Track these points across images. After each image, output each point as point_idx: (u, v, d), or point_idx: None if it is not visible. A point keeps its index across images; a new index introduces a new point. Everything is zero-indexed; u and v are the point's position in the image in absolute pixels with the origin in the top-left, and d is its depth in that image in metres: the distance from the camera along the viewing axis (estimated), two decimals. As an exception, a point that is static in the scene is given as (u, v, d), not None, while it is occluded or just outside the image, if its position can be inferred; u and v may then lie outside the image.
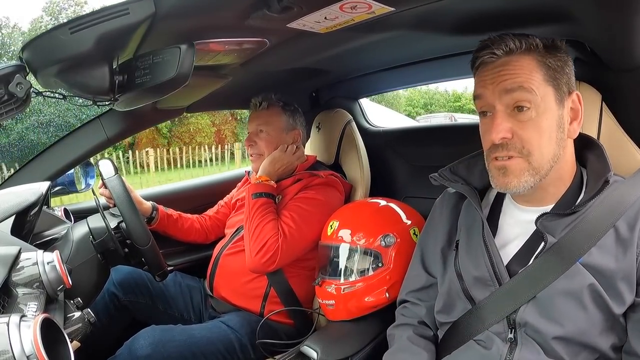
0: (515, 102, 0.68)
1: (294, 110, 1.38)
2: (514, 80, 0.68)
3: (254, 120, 1.36)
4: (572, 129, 0.72)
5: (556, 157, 0.70)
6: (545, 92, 0.69)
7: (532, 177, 0.69)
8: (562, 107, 0.70)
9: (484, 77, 0.72)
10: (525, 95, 0.68)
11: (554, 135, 0.69)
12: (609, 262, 0.66)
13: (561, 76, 0.70)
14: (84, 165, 1.39)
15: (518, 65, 0.69)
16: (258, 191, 1.22)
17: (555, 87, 0.69)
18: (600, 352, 0.67)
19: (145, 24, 0.64)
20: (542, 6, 0.76)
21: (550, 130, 0.69)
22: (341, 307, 1.06)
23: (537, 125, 0.68)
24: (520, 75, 0.68)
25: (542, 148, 0.69)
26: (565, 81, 0.70)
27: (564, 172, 0.74)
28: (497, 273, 0.74)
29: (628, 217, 0.67)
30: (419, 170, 1.44)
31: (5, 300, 0.63)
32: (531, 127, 0.68)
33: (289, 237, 1.15)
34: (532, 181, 0.70)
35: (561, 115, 0.70)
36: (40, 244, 1.12)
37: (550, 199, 0.74)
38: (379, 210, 1.15)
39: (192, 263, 1.55)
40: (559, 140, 0.70)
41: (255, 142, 1.34)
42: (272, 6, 0.64)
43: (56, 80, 0.75)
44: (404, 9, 0.72)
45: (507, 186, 0.71)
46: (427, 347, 0.83)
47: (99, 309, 1.23)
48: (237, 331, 1.15)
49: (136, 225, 1.08)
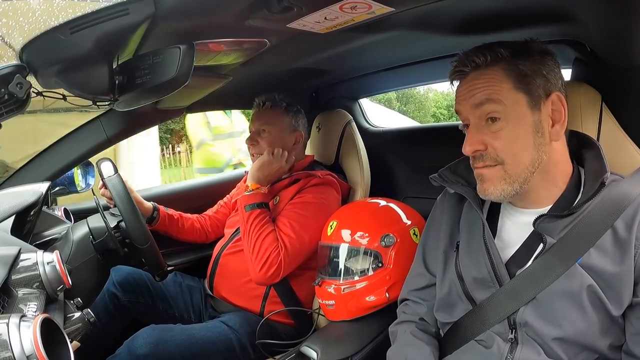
0: (487, 114, 0.70)
1: (296, 112, 1.38)
2: (482, 93, 0.70)
3: (256, 120, 1.35)
4: (554, 131, 0.70)
5: (536, 162, 0.70)
6: (516, 99, 0.69)
7: (509, 185, 0.70)
8: (539, 111, 0.69)
9: (459, 94, 0.75)
10: (494, 107, 0.69)
11: (530, 141, 0.69)
12: (607, 263, 0.66)
13: (534, 80, 0.69)
14: (84, 165, 1.39)
15: (487, 78, 0.70)
16: (250, 202, 1.18)
17: (527, 92, 0.69)
18: (599, 352, 0.67)
19: (145, 24, 0.64)
20: (542, 6, 0.76)
21: (525, 136, 0.69)
22: (341, 307, 1.06)
23: (509, 134, 0.69)
24: (489, 87, 0.69)
25: (516, 156, 0.69)
26: (541, 84, 0.69)
27: (556, 175, 0.73)
28: (498, 274, 0.74)
29: (626, 216, 0.67)
30: (419, 171, 1.44)
31: (5, 300, 0.63)
32: (503, 137, 0.69)
33: (290, 249, 1.14)
34: (509, 189, 0.70)
35: (538, 120, 0.69)
36: (40, 244, 1.12)
37: (547, 200, 0.74)
38: (378, 210, 1.15)
39: (192, 263, 1.55)
40: (537, 146, 0.69)
41: (257, 141, 1.33)
42: (272, 6, 0.64)
43: (56, 80, 0.75)
44: (404, 9, 0.72)
45: (486, 193, 0.73)
46: (430, 342, 0.83)
47: (99, 309, 1.22)
48: (237, 331, 1.15)
49: (135, 224, 1.08)
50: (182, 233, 1.43)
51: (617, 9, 0.69)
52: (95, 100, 0.82)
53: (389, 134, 1.68)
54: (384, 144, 1.60)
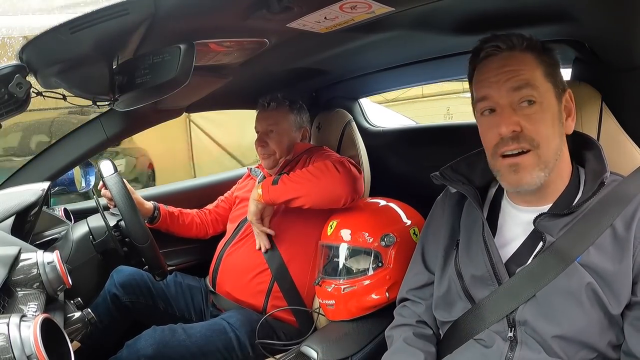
0: (522, 98, 0.70)
1: (300, 108, 1.42)
2: (520, 77, 0.70)
3: (263, 120, 1.39)
4: (567, 124, 0.74)
5: (559, 150, 0.72)
6: (547, 87, 0.71)
7: (542, 171, 0.70)
8: (560, 102, 0.73)
9: (486, 76, 0.73)
10: (532, 91, 0.70)
11: (557, 128, 0.71)
12: (606, 262, 0.66)
13: (557, 74, 0.73)
14: (84, 166, 1.39)
15: (520, 62, 0.70)
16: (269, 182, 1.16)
17: (553, 83, 0.72)
18: (598, 351, 0.67)
19: (145, 24, 0.64)
20: (542, 6, 0.76)
21: (554, 123, 0.71)
22: (341, 307, 1.06)
23: (543, 118, 0.70)
24: (525, 72, 0.70)
25: (549, 141, 0.70)
26: (560, 79, 0.74)
27: (563, 170, 0.74)
28: (497, 272, 0.74)
29: (625, 215, 0.67)
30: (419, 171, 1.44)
31: (5, 300, 0.63)
32: (538, 120, 0.70)
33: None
34: (542, 176, 0.70)
35: (560, 110, 0.73)
36: (40, 244, 1.13)
37: (548, 199, 0.74)
38: (379, 210, 1.15)
39: (192, 263, 1.55)
40: (560, 135, 0.72)
41: (266, 142, 1.37)
42: (272, 6, 0.64)
43: (56, 80, 0.75)
44: (404, 8, 0.72)
45: (520, 183, 0.71)
46: (424, 348, 0.82)
47: (101, 310, 1.22)
48: (237, 329, 1.15)
49: (135, 223, 1.08)
50: (183, 229, 1.44)
51: (617, 9, 0.69)
52: (95, 100, 0.83)
53: (389, 134, 1.67)
54: (384, 143, 1.60)
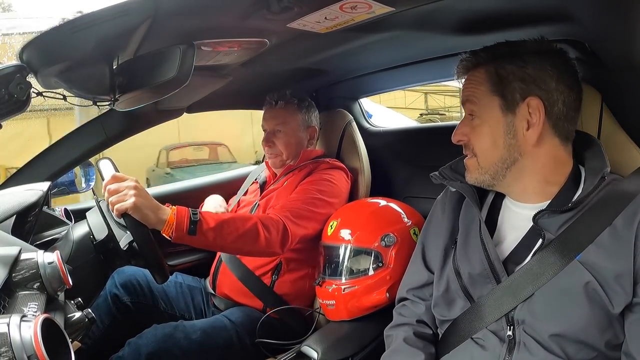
0: (468, 111, 0.78)
1: (308, 106, 1.37)
2: (466, 92, 0.78)
3: (271, 119, 1.34)
4: (528, 135, 0.73)
5: (507, 161, 0.74)
6: (490, 101, 0.74)
7: (481, 175, 0.77)
8: (512, 114, 0.73)
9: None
10: (471, 106, 0.77)
11: (500, 140, 0.74)
12: (606, 260, 0.66)
13: (510, 84, 0.73)
14: (84, 166, 1.39)
15: (472, 79, 0.77)
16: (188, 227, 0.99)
17: (501, 95, 0.73)
18: (597, 350, 0.67)
19: (145, 24, 0.64)
20: (542, 6, 0.77)
21: (495, 136, 0.74)
22: (341, 307, 1.06)
23: (480, 131, 0.76)
24: (471, 88, 0.77)
25: (485, 152, 0.76)
26: (518, 88, 0.72)
27: (546, 173, 0.74)
28: (495, 270, 0.74)
29: (626, 214, 0.67)
30: (419, 170, 1.44)
31: (5, 300, 0.63)
32: (477, 133, 0.76)
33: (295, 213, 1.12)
34: (482, 178, 0.77)
35: (510, 122, 0.73)
36: (40, 244, 1.12)
37: (546, 196, 0.74)
38: (379, 210, 1.15)
39: (192, 263, 1.55)
40: (508, 146, 0.74)
41: (273, 142, 1.32)
42: (272, 6, 0.64)
43: (56, 80, 0.75)
44: (404, 8, 0.72)
45: (467, 178, 0.81)
46: (424, 348, 0.82)
47: (102, 311, 1.22)
48: (238, 327, 1.14)
49: None
50: None
51: (617, 9, 0.69)
52: (96, 100, 0.83)
53: (389, 134, 1.67)
54: (384, 144, 1.60)
